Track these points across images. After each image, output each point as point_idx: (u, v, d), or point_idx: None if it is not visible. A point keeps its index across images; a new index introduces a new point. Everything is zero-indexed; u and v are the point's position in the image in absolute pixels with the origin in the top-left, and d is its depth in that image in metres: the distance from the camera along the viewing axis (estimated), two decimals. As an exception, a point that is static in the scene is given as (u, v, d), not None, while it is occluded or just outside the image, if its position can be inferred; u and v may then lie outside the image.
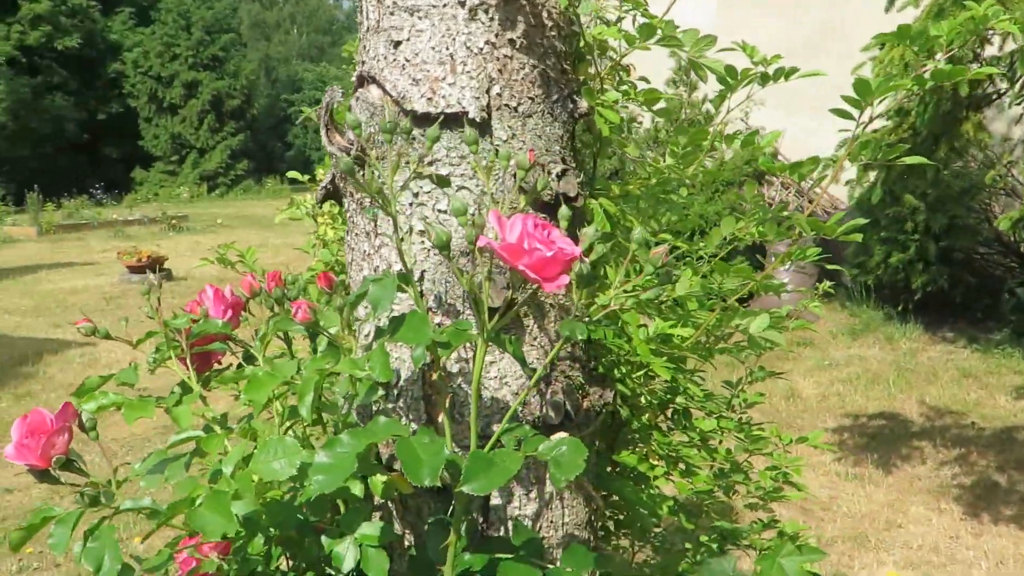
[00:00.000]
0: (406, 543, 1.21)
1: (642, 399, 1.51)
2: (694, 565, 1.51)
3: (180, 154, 31.23)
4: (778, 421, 5.37)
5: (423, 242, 1.15)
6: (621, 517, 1.50)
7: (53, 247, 15.19)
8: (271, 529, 1.03)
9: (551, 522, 1.21)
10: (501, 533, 1.18)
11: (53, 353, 7.52)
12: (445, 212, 1.14)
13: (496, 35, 1.14)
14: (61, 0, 29.11)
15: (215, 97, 31.03)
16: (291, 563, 1.06)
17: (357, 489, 1.03)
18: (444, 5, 1.13)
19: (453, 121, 1.13)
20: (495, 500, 1.18)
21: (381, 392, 1.10)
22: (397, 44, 1.15)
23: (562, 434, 1.10)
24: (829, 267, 1.59)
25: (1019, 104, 4.25)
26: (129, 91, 31.30)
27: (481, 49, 1.13)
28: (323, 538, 1.06)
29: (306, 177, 2.11)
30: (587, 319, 0.97)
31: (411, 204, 1.15)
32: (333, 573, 1.05)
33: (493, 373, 1.17)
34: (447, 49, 1.13)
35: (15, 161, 27.81)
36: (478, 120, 1.12)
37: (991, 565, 3.52)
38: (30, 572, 3.61)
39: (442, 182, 1.02)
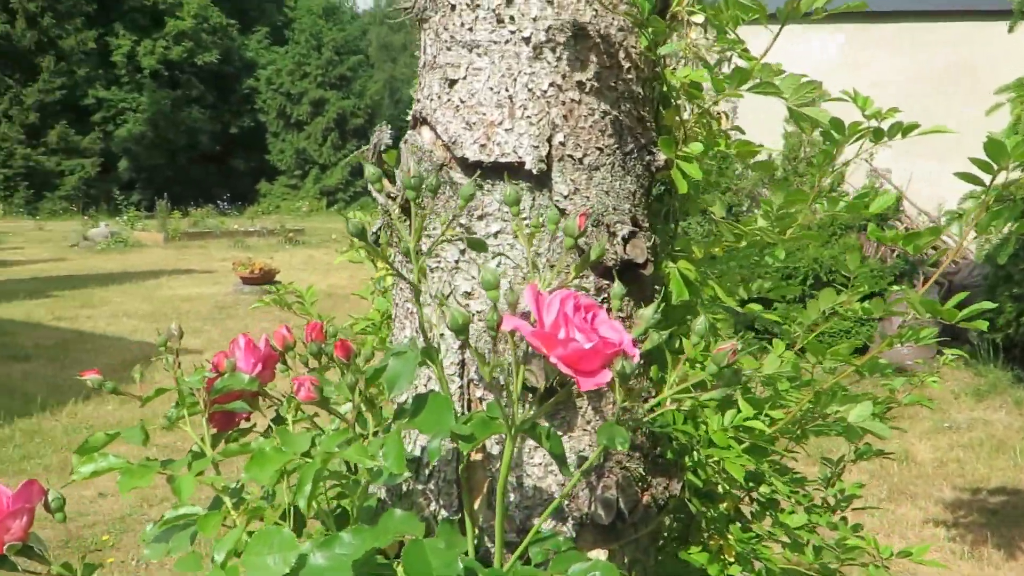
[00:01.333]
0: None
1: (719, 487, 1.33)
2: None
3: (303, 169, 32.26)
4: (889, 486, 5.02)
5: (467, 304, 1.02)
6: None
7: (177, 254, 15.82)
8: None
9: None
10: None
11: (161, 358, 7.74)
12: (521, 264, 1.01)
13: (563, 76, 1.00)
14: (203, 18, 30.62)
15: (340, 115, 31.97)
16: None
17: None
18: (506, 41, 1.00)
19: (509, 171, 1.00)
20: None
21: (407, 474, 0.97)
22: (453, 83, 1.03)
23: (599, 554, 0.94)
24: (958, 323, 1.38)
25: None
26: (260, 106, 32.60)
27: (545, 92, 1.00)
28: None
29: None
30: (631, 422, 0.82)
31: (456, 262, 1.02)
32: None
33: (537, 459, 1.02)
34: (507, 90, 1.00)
35: (152, 169, 29.32)
36: (535, 172, 0.99)
37: None
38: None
39: (477, 245, 0.89)
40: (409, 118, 1.12)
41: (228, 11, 32.34)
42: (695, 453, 1.22)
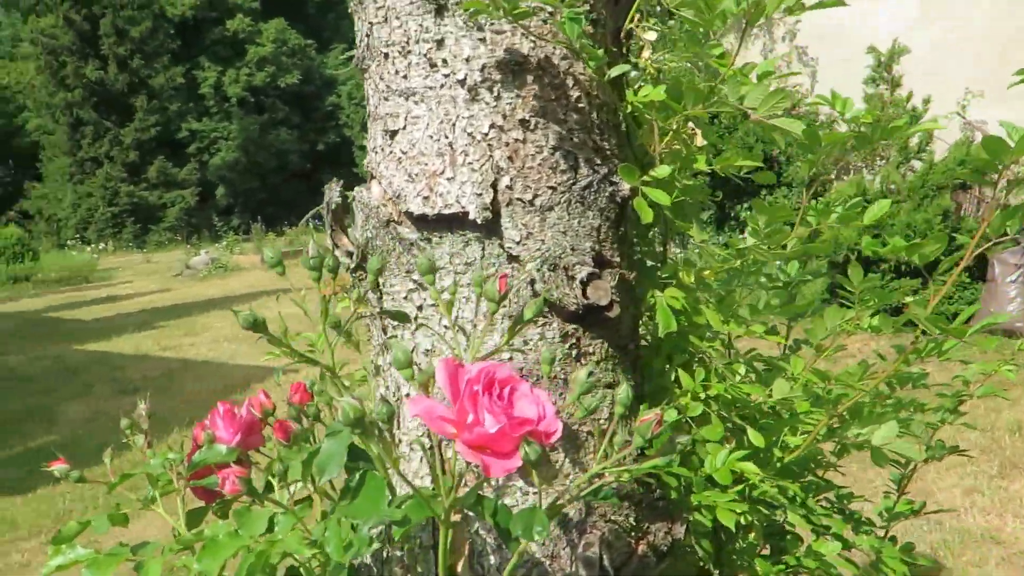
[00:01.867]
0: None
1: (742, 518, 1.25)
2: None
3: (391, 179, 32.74)
4: (1001, 460, 4.74)
5: (430, 361, 0.98)
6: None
7: (274, 274, 16.26)
8: None
9: None
10: None
11: (259, 380, 7.96)
12: (449, 329, 0.96)
13: (504, 116, 0.94)
14: (282, 41, 31.44)
15: (423, 124, 32.32)
16: None
17: None
18: (441, 86, 0.95)
19: (454, 222, 0.95)
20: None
21: (375, 545, 0.94)
22: (393, 134, 0.99)
23: None
24: None
25: None
26: (344, 121, 33.27)
27: (486, 134, 0.94)
28: None
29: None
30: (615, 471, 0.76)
31: (415, 318, 0.98)
32: None
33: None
34: (446, 137, 0.95)
35: (247, 193, 30.30)
36: (480, 221, 0.93)
37: None
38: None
39: (399, 317, 0.84)
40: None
41: (304, 32, 33.11)
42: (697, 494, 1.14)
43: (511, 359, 0.94)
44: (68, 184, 26.49)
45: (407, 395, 0.99)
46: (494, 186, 0.94)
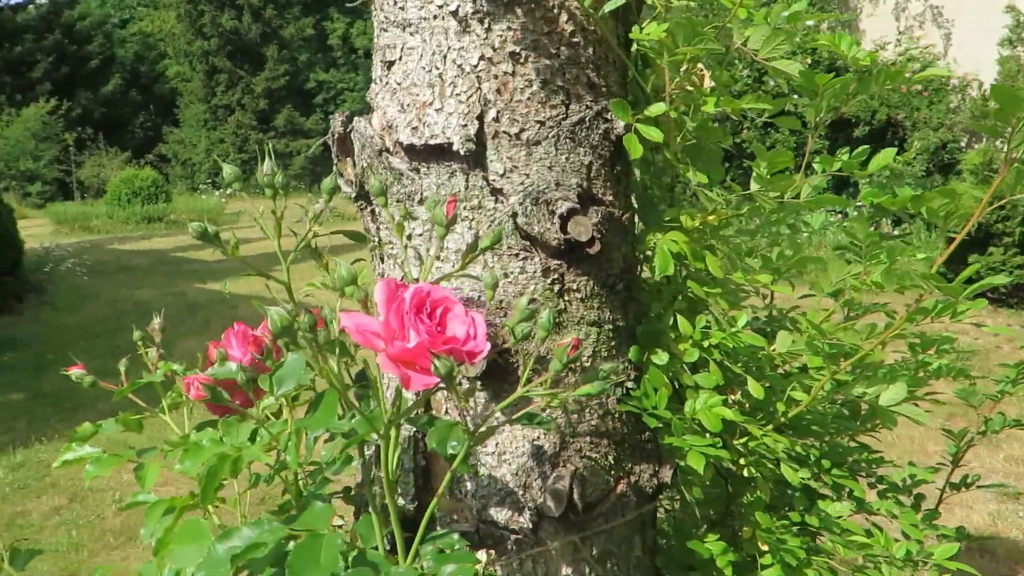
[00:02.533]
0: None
1: (744, 471, 1.23)
2: None
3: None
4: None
5: (418, 291, 1.00)
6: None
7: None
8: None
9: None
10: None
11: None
12: (447, 250, 0.98)
13: (494, 48, 0.95)
14: (409, -5, 31.64)
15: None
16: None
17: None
18: (435, 17, 0.96)
19: (440, 153, 0.97)
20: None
21: (355, 462, 0.97)
22: (390, 65, 1.01)
23: (559, 545, 0.90)
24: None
25: None
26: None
27: (475, 66, 0.95)
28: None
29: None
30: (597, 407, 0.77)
31: (405, 248, 1.00)
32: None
33: (490, 448, 0.99)
34: (437, 69, 0.96)
35: (369, 144, 30.88)
36: (463, 152, 0.94)
37: None
38: None
39: (356, 238, 0.86)
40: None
41: (432, -15, 33.28)
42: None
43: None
44: (202, 130, 27.66)
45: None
46: (480, 118, 0.95)
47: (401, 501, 1.01)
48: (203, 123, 27.66)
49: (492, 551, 1.00)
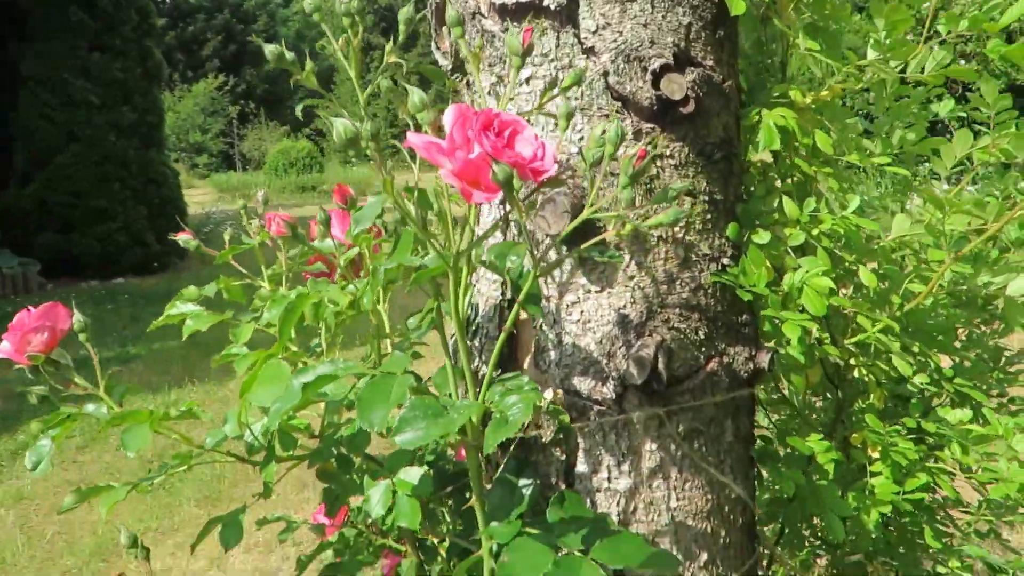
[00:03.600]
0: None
1: (855, 371, 1.16)
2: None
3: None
4: None
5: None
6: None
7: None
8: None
9: (650, 504, 0.98)
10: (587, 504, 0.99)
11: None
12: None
13: (590, -101, 0.92)
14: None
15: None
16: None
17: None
18: None
19: (533, 10, 0.95)
20: (581, 467, 0.99)
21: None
22: (486, -74, 0.99)
23: (641, 416, 0.87)
24: None
25: None
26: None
27: (570, -82, 0.92)
28: (366, 477, 0.98)
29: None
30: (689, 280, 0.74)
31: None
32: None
33: (575, 316, 0.97)
34: (531, -76, 0.94)
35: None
36: (554, 8, 0.92)
37: None
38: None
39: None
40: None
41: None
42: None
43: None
44: (356, 105, 28.59)
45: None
46: (573, -28, 0.92)
47: (484, 369, 1.01)
48: (356, 99, 28.55)
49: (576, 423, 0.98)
